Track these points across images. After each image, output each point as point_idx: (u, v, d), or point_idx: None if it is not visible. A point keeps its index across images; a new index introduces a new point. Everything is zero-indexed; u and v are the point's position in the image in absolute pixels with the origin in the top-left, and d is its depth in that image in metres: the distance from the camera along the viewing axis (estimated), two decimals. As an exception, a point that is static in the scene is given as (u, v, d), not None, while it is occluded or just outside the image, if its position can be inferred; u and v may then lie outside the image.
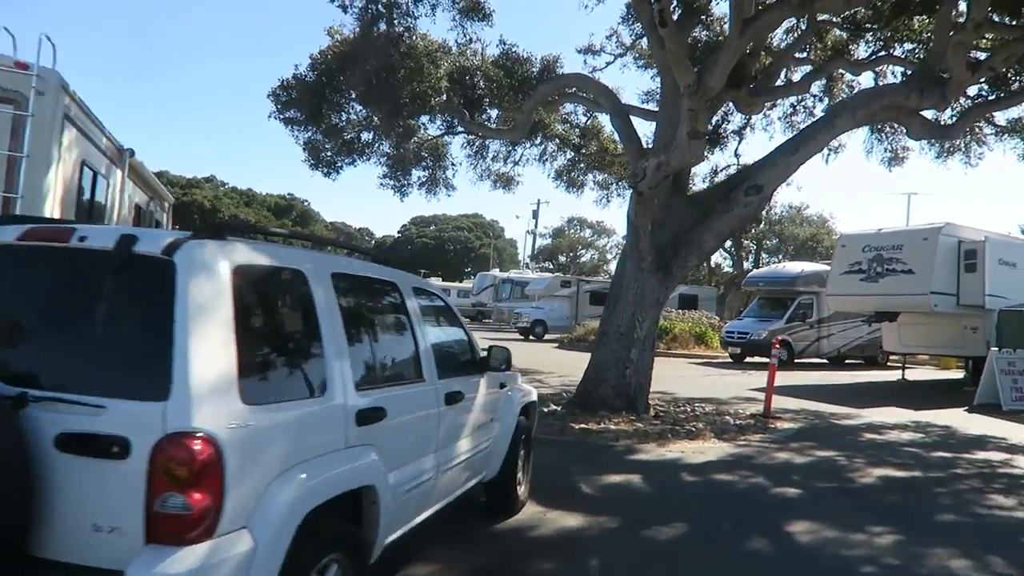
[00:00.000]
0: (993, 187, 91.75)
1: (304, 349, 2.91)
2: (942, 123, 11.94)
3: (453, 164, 18.15)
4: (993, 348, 13.47)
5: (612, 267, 52.44)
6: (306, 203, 68.75)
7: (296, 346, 2.93)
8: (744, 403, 12.18)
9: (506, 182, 19.10)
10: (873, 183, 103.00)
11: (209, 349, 2.39)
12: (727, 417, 10.26)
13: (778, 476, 7.00)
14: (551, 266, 59.07)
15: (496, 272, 45.13)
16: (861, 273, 16.18)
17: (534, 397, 5.79)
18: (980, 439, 9.75)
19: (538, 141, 17.99)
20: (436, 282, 54.18)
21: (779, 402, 12.28)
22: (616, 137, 14.00)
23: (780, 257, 38.50)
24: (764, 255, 40.51)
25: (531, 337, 29.71)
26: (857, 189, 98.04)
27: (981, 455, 8.56)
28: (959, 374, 18.96)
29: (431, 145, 17.60)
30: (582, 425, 9.01)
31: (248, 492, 2.41)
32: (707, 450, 8.07)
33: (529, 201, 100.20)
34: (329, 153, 15.44)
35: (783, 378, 17.33)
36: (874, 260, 15.99)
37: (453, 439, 4.13)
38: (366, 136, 15.72)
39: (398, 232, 78.12)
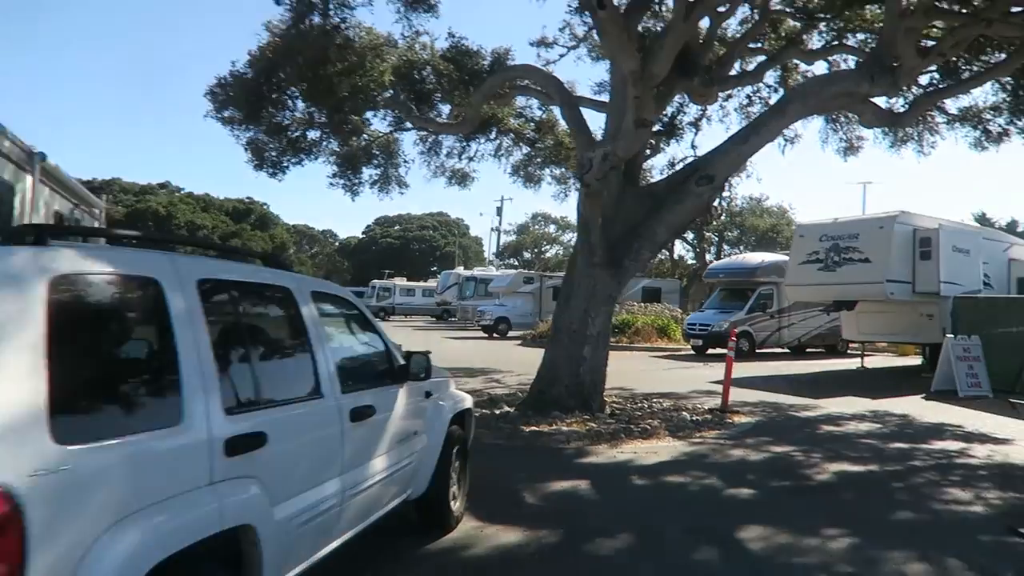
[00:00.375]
0: (947, 176, 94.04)
1: (151, 371, 2.49)
2: (894, 111, 11.84)
3: (406, 161, 17.68)
4: (949, 335, 13.47)
5: None
6: (266, 206, 67.32)
7: (140, 368, 2.50)
8: (703, 397, 11.97)
9: (461, 178, 18.70)
10: (830, 173, 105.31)
11: (6, 381, 1.96)
12: (684, 413, 10.01)
13: (732, 476, 6.73)
14: (516, 263, 58.82)
15: (460, 270, 44.66)
16: (819, 263, 16.13)
17: (468, 404, 5.42)
18: (937, 428, 9.64)
19: (492, 136, 17.63)
20: (401, 282, 53.61)
21: (738, 395, 12.11)
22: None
23: (741, 248, 38.76)
24: (726, 247, 40.72)
25: (495, 335, 29.38)
26: (815, 179, 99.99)
27: (938, 445, 8.41)
28: (917, 360, 19.11)
29: (382, 142, 17.11)
30: (533, 427, 8.67)
31: (66, 552, 1.98)
32: (660, 450, 7.77)
33: (493, 198, 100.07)
34: (273, 153, 14.83)
35: (744, 369, 17.28)
36: (831, 249, 15.95)
37: (364, 458, 3.73)
38: (313, 134, 15.17)
39: (363, 233, 77.11)
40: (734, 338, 10.98)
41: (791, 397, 12.34)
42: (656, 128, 15.31)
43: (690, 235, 41.11)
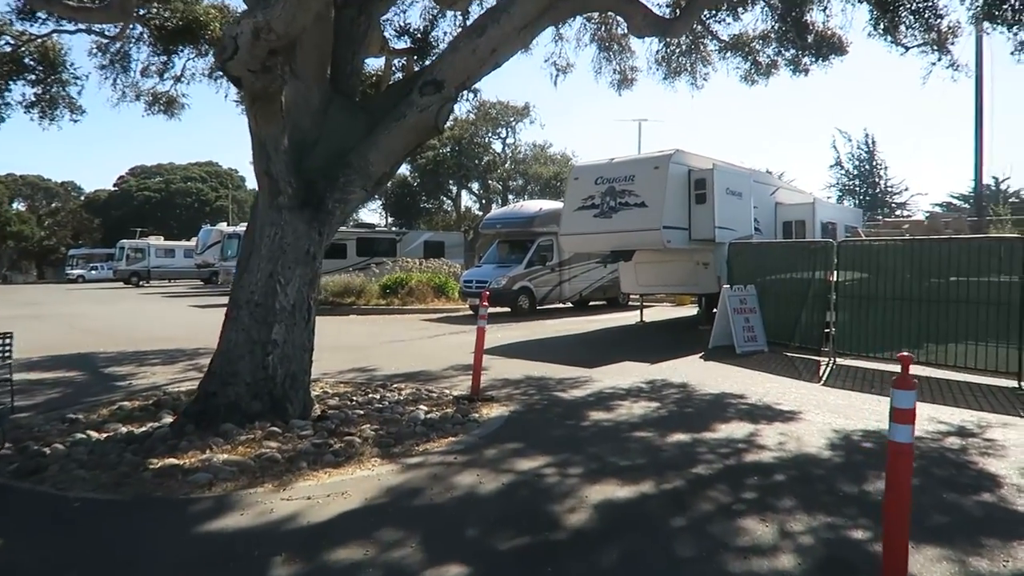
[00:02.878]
0: (721, 115, 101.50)
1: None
2: (666, 18, 9.99)
3: (78, 77, 13.20)
4: (726, 286, 12.30)
5: (364, 213, 48.60)
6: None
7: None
8: (460, 375, 9.62)
9: (167, 105, 14.51)
10: (609, 118, 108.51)
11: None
12: (420, 407, 7.47)
13: (441, 535, 4.22)
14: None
15: (223, 226, 38.93)
16: (594, 208, 14.47)
17: None
18: (719, 401, 8.01)
19: (204, 50, 13.67)
20: (157, 241, 46.25)
21: (503, 368, 10.00)
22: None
23: (526, 197, 37.48)
24: (511, 196, 39.26)
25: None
26: (597, 126, 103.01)
27: (723, 431, 6.62)
28: (694, 310, 18.53)
29: (39, 49, 12.48)
30: (170, 459, 5.57)
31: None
32: (353, 487, 5.07)
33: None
34: None
35: (520, 331, 15.40)
36: (607, 193, 14.31)
37: None
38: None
39: (114, 185, 66.40)
40: (485, 302, 8.57)
41: (562, 367, 10.38)
42: (405, 46, 12.42)
43: (475, 184, 39.14)
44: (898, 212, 42.97)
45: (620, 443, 6.22)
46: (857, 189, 46.34)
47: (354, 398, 8.10)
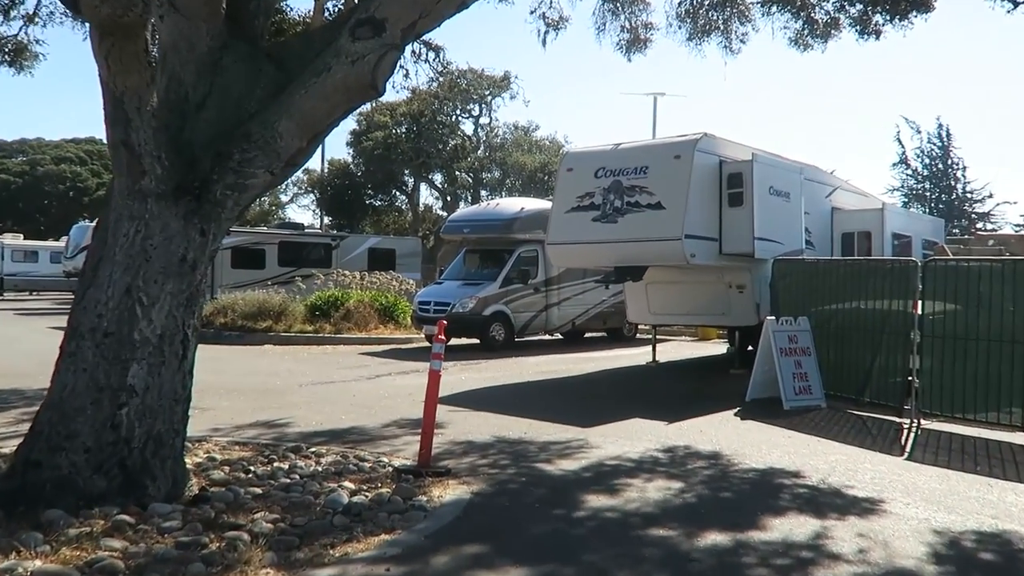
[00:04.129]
0: (759, 90, 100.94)
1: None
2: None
3: None
4: (769, 317, 11.75)
5: (292, 211, 47.68)
6: None
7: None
8: (406, 434, 8.99)
9: (15, 54, 13.75)
10: (610, 85, 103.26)
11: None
12: (344, 485, 6.72)
13: None
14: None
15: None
16: (594, 210, 14.00)
17: None
18: (766, 482, 7.36)
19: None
20: (13, 241, 44.96)
21: (464, 426, 9.49)
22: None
23: (504, 194, 36.95)
24: (484, 192, 38.71)
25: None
26: (593, 98, 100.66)
27: (776, 531, 5.92)
28: (724, 347, 17.98)
29: None
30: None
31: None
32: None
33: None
34: None
35: (492, 371, 14.78)
36: (611, 190, 13.84)
37: None
38: None
39: (-40, 166, 64.76)
40: (441, 337, 7.91)
41: (549, 425, 9.71)
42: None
43: (438, 176, 38.47)
44: (979, 225, 43.18)
45: (630, 547, 5.49)
46: (927, 194, 46.60)
47: (252, 468, 7.33)
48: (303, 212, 46.21)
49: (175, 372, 6.25)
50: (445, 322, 9.00)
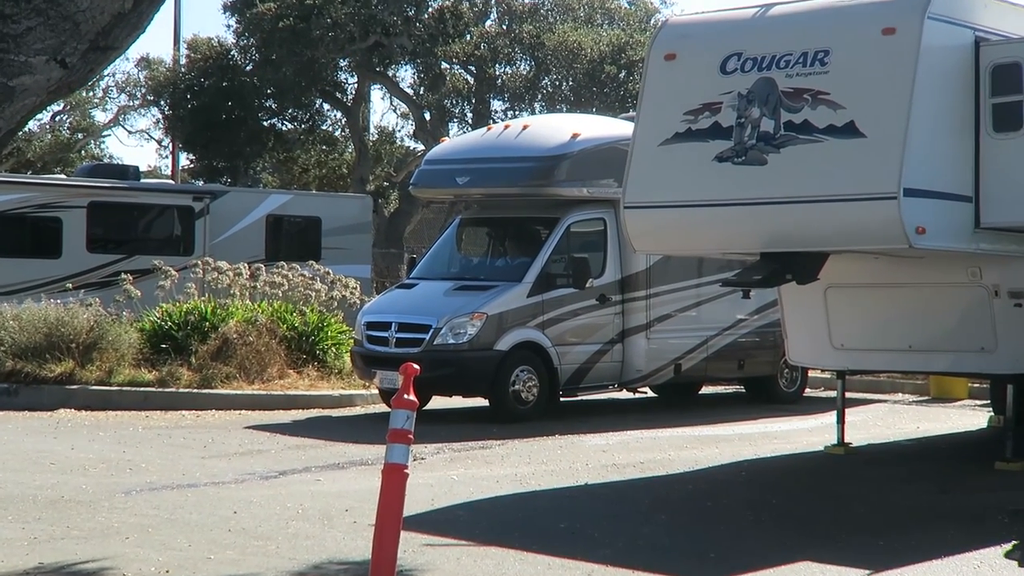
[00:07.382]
0: None
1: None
2: None
3: None
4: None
5: (116, 144, 36.93)
6: None
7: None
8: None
9: None
10: None
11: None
12: None
13: None
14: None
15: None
16: (720, 138, 8.94)
17: None
18: None
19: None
20: None
21: None
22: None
23: (539, 108, 24.90)
24: (497, 103, 26.58)
25: None
26: None
27: None
28: (978, 416, 12.61)
29: None
30: None
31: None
32: None
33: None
34: None
35: (507, 468, 9.47)
36: (755, 99, 8.82)
37: None
38: None
39: None
40: (410, 397, 4.66)
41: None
42: None
43: (406, 69, 26.42)
44: None
45: None
46: None
47: None
48: (138, 146, 36.28)
49: None
50: (417, 365, 5.18)
